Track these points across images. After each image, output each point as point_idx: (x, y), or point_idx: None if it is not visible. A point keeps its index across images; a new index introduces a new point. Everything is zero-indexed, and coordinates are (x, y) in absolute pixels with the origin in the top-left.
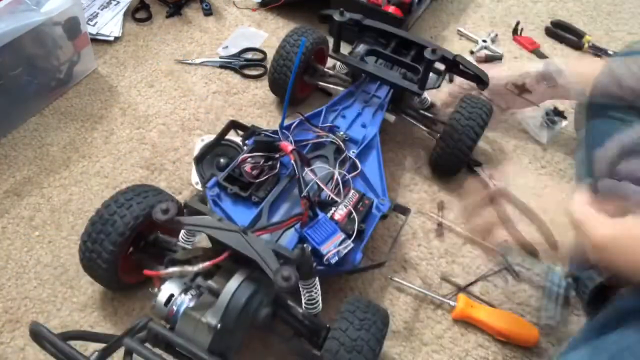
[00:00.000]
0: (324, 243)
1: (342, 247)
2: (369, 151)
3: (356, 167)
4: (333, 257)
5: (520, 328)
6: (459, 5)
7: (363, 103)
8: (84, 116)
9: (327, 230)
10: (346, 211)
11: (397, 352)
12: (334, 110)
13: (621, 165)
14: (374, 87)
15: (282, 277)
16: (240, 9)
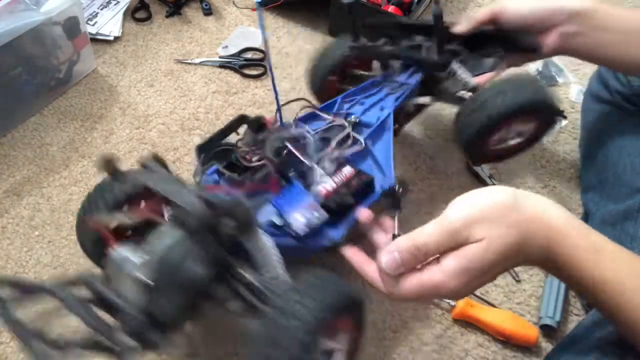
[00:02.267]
0: (293, 212)
1: (314, 217)
2: (382, 132)
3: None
4: (301, 227)
5: (520, 328)
6: (459, 4)
7: (389, 91)
8: (84, 116)
9: (300, 199)
10: (335, 186)
11: (397, 351)
12: (350, 100)
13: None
14: (404, 77)
15: (194, 211)
16: (240, 8)
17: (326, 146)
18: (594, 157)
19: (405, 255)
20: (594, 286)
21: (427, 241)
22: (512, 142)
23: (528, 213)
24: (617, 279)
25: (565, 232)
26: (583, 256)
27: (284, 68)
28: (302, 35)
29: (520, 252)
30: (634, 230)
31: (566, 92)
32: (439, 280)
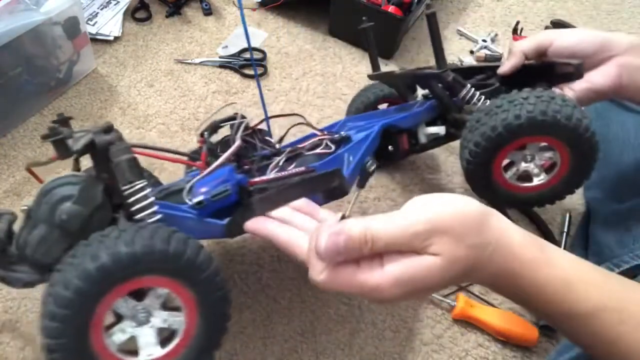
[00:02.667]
0: (203, 186)
1: (216, 190)
2: (361, 145)
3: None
4: (196, 196)
5: (520, 328)
6: (459, 4)
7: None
8: (84, 116)
9: (217, 175)
10: (269, 178)
11: (397, 351)
12: (355, 122)
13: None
14: (419, 104)
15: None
16: None
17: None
18: None
19: (350, 243)
20: (564, 317)
21: (381, 236)
22: (537, 180)
23: (491, 237)
24: (589, 310)
25: (527, 261)
26: (550, 288)
27: (283, 68)
28: (302, 35)
29: (470, 275)
30: (637, 230)
31: None
32: (376, 284)
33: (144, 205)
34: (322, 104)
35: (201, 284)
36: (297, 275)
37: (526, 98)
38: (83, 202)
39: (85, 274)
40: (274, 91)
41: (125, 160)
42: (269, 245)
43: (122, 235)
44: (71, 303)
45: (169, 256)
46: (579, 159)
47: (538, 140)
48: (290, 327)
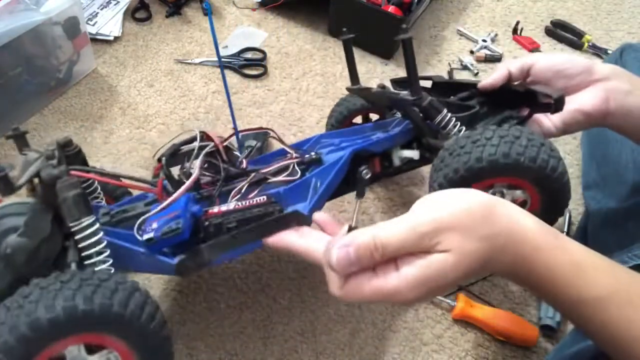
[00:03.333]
0: (155, 219)
1: (167, 227)
2: (330, 170)
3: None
4: (148, 232)
5: (520, 328)
6: (459, 4)
7: (375, 136)
8: (84, 116)
9: (172, 208)
10: (229, 209)
11: (397, 351)
12: (327, 140)
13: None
14: (395, 124)
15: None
16: (240, 8)
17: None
18: (596, 154)
19: (361, 252)
20: (574, 303)
21: (390, 241)
22: None
23: (502, 225)
24: (599, 295)
25: (540, 247)
26: (560, 272)
27: (283, 68)
28: (302, 35)
29: (487, 266)
30: (636, 230)
31: None
32: (394, 288)
33: (92, 242)
34: (322, 104)
35: (133, 334)
36: (297, 275)
37: (489, 138)
38: (30, 234)
39: (4, 347)
40: (274, 91)
41: (72, 197)
42: None
43: (42, 297)
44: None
45: (94, 315)
46: (550, 198)
47: (504, 181)
48: (290, 327)
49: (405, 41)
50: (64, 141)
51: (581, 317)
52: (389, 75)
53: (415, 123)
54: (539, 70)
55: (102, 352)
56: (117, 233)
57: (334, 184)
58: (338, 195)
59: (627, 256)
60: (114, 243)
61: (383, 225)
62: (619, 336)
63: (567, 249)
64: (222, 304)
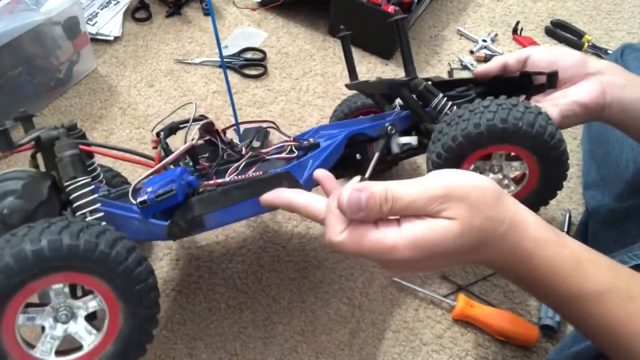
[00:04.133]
0: (150, 185)
1: (162, 190)
2: (323, 152)
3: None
4: (141, 195)
5: (520, 328)
6: (459, 4)
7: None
8: (84, 116)
9: (166, 175)
10: (224, 180)
11: (397, 351)
12: (326, 130)
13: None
14: (394, 115)
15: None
16: (240, 8)
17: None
18: (596, 153)
19: (372, 199)
20: (574, 298)
21: (401, 197)
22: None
23: (506, 214)
24: (598, 290)
25: (541, 242)
26: (560, 267)
27: (283, 68)
28: (302, 35)
29: (482, 251)
30: (636, 229)
31: None
32: (393, 244)
33: (86, 202)
34: (322, 104)
35: (118, 277)
36: (297, 275)
37: (487, 106)
38: (26, 197)
39: (2, 265)
40: (274, 91)
41: (69, 156)
42: (269, 245)
43: (29, 233)
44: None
45: (78, 252)
46: (548, 169)
47: (502, 150)
48: (290, 327)
49: (398, 22)
50: (69, 124)
51: (580, 313)
52: (389, 75)
53: (412, 108)
54: (534, 61)
55: (87, 298)
56: (112, 204)
57: (329, 162)
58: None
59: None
60: (108, 211)
61: (397, 182)
62: (617, 331)
63: (567, 245)
64: (222, 304)
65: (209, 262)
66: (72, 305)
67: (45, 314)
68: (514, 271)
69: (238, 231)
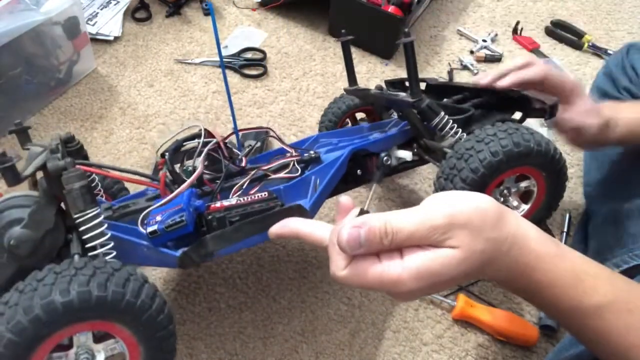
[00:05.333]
0: (158, 212)
1: (170, 220)
2: (330, 169)
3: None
4: (151, 225)
5: (520, 328)
6: (459, 5)
7: (372, 136)
8: (84, 116)
9: (175, 202)
10: (231, 204)
11: (397, 351)
12: (325, 139)
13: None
14: (393, 124)
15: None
16: (240, 8)
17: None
18: (597, 154)
19: (371, 235)
20: (573, 311)
21: (401, 229)
22: (520, 212)
23: (508, 231)
24: (598, 303)
25: (541, 255)
26: (560, 280)
27: (283, 68)
28: (302, 35)
29: (486, 269)
30: (636, 229)
31: None
32: (397, 276)
33: (96, 234)
34: (322, 104)
35: (142, 325)
36: (297, 275)
37: (494, 134)
38: (34, 227)
39: (17, 328)
40: (274, 91)
41: (78, 188)
42: (269, 245)
43: (57, 282)
44: (3, 357)
45: (106, 303)
46: (553, 181)
47: (515, 172)
48: (290, 327)
49: (406, 45)
50: (66, 137)
51: (579, 325)
52: (389, 75)
53: (413, 124)
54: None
55: (109, 342)
56: (119, 227)
57: (334, 181)
58: (335, 194)
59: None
60: (116, 236)
61: (396, 213)
62: (616, 343)
63: (567, 257)
64: (222, 304)
65: (209, 262)
66: (94, 348)
67: (67, 358)
68: (514, 283)
69: None
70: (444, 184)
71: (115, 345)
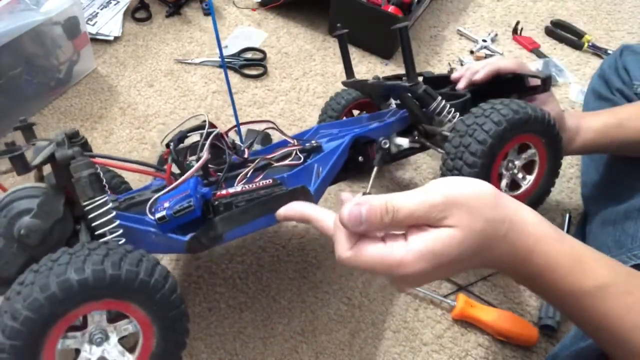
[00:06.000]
0: (166, 199)
1: (178, 206)
2: (331, 156)
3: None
4: (159, 211)
5: (520, 328)
6: (459, 4)
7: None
8: (84, 116)
9: (181, 189)
10: (237, 191)
11: (397, 351)
12: (326, 130)
13: None
14: (392, 113)
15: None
16: (240, 8)
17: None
18: (595, 155)
19: (372, 212)
20: (573, 294)
21: (401, 207)
22: (526, 183)
23: (506, 214)
24: (598, 284)
25: (540, 238)
26: (561, 262)
27: (283, 68)
28: (302, 35)
29: (485, 252)
30: (634, 229)
31: (566, 92)
32: (401, 258)
33: (105, 221)
34: (322, 104)
35: (156, 304)
36: (297, 275)
37: (492, 108)
38: (43, 216)
39: (34, 305)
40: (274, 91)
41: (86, 176)
42: (269, 245)
43: (72, 261)
44: (20, 334)
45: (120, 281)
46: (553, 146)
47: (520, 141)
48: (290, 327)
49: (401, 29)
50: (71, 132)
51: (579, 308)
52: (388, 74)
53: (411, 110)
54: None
55: (122, 322)
56: (127, 216)
57: (336, 167)
58: (336, 181)
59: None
60: (124, 225)
61: (396, 194)
62: (616, 325)
63: (566, 241)
64: (222, 304)
65: (209, 262)
66: (107, 328)
67: (82, 338)
68: (514, 267)
69: None
70: (452, 163)
71: (129, 325)
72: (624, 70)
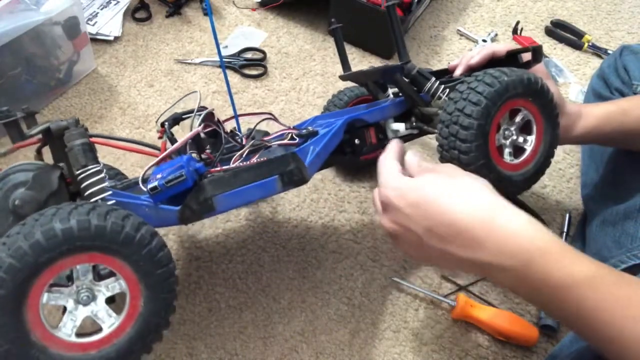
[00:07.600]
0: (159, 172)
1: (171, 176)
2: (323, 138)
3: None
4: (151, 182)
5: (520, 328)
6: (459, 4)
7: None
8: (84, 116)
9: (174, 162)
10: (233, 167)
11: (397, 351)
12: (324, 119)
13: None
14: (389, 102)
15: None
16: (239, 8)
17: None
18: (595, 154)
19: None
20: (565, 283)
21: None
22: (528, 146)
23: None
24: (587, 275)
25: (544, 250)
26: (550, 249)
27: (283, 68)
28: (302, 35)
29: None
30: (634, 230)
31: (566, 92)
32: (398, 184)
33: (97, 190)
34: (322, 104)
35: (142, 260)
36: (297, 275)
37: (483, 73)
38: (37, 188)
39: (18, 252)
40: (274, 91)
41: (79, 144)
42: (269, 245)
43: (57, 212)
44: (3, 283)
45: (105, 233)
46: (547, 113)
47: (514, 105)
48: (290, 327)
49: (389, 7)
50: (71, 120)
51: (573, 299)
52: None
53: (405, 92)
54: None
55: (109, 280)
56: (121, 193)
57: (330, 146)
58: (335, 163)
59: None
60: (117, 200)
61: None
62: (607, 317)
63: (567, 253)
64: (222, 304)
65: (209, 262)
66: (94, 287)
67: (68, 294)
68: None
69: (238, 231)
70: (449, 129)
71: (116, 283)
72: (624, 70)
